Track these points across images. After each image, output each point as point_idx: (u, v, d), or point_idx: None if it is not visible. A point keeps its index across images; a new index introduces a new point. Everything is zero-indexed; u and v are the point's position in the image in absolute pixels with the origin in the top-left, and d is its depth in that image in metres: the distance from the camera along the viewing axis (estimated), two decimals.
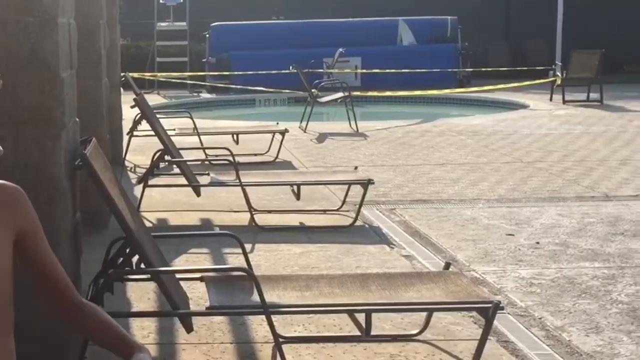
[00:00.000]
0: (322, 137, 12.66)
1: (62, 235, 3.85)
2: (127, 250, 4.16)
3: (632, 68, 23.54)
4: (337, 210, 7.70)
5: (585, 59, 17.06)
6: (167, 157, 7.79)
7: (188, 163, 7.78)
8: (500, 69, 20.65)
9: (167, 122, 10.48)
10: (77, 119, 4.36)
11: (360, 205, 7.30)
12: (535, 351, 4.54)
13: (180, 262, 6.00)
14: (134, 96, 8.45)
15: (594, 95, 16.63)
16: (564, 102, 16.67)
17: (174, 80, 19.29)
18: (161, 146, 7.75)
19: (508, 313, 5.08)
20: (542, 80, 18.30)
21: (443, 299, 4.13)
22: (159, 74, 19.62)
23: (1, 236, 1.99)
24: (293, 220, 7.40)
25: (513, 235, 6.91)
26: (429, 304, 4.19)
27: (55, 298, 2.15)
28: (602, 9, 23.68)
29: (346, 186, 7.75)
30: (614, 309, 5.15)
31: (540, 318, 5.02)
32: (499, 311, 3.96)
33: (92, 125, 7.14)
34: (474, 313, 4.69)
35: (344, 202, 7.75)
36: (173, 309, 4.09)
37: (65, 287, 2.15)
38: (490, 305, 3.92)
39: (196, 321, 4.62)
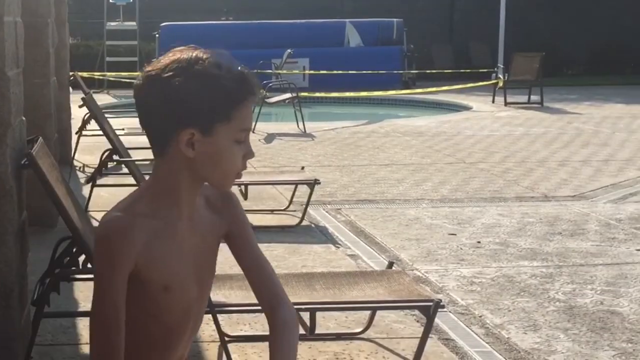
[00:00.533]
0: (270, 138, 12.66)
1: (8, 234, 3.80)
2: (74, 250, 4.13)
3: (572, 71, 23.88)
4: (284, 210, 7.70)
5: (526, 61, 17.26)
6: (115, 157, 7.73)
7: (137, 163, 7.73)
8: (445, 71, 20.82)
9: (116, 122, 10.39)
10: (24, 118, 4.31)
11: (307, 205, 7.32)
12: (475, 348, 4.59)
13: None
14: (83, 95, 8.38)
15: (534, 98, 16.84)
16: (506, 104, 16.85)
17: (123, 80, 19.13)
18: (110, 146, 7.69)
19: (449, 311, 5.12)
20: (484, 83, 18.50)
21: (386, 297, 4.16)
22: (108, 74, 19.46)
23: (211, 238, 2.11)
24: None
25: (455, 234, 6.97)
26: (372, 303, 4.21)
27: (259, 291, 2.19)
28: (543, 13, 23.97)
29: (293, 186, 7.77)
30: (551, 307, 5.22)
31: (480, 316, 5.08)
32: (440, 309, 4.00)
33: (39, 124, 7.06)
34: (416, 311, 4.73)
35: (290, 202, 7.76)
36: None
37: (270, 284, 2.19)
38: (431, 303, 3.96)
39: None
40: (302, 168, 8.21)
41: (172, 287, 2.00)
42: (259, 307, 4.25)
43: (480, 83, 18.41)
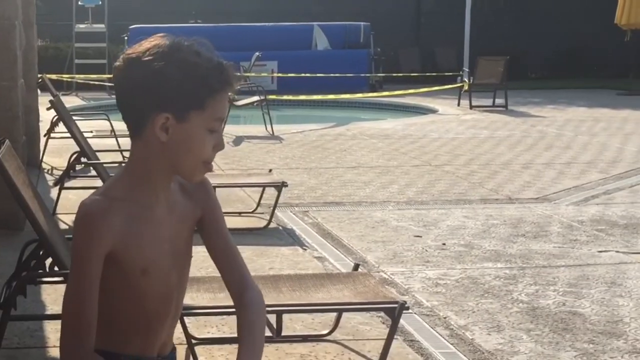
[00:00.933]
0: (238, 140, 12.63)
1: None
2: (41, 253, 4.09)
3: (535, 75, 24.05)
4: (252, 212, 7.69)
5: (491, 65, 17.35)
6: (83, 159, 7.68)
7: (105, 165, 7.68)
8: (411, 74, 20.90)
9: (85, 124, 10.33)
10: None
11: (274, 208, 7.31)
12: (440, 350, 4.60)
13: None
14: (51, 98, 8.31)
15: (499, 101, 16.94)
16: (471, 107, 16.94)
17: (92, 83, 19.02)
18: (78, 148, 7.64)
19: (414, 313, 5.14)
20: (450, 86, 18.58)
21: (352, 299, 4.16)
22: (77, 76, 19.33)
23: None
24: None
25: (421, 236, 7.00)
26: (338, 305, 4.21)
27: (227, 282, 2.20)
28: (508, 18, 24.13)
29: (261, 189, 7.76)
30: (514, 308, 5.25)
31: (445, 317, 5.10)
32: (405, 311, 4.01)
33: (7, 126, 7.01)
34: (382, 313, 4.74)
35: (258, 204, 7.75)
36: None
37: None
38: (396, 305, 3.96)
39: None
40: (270, 171, 8.20)
41: (150, 271, 2.03)
42: (226, 310, 4.28)
43: (446, 86, 18.49)
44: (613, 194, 8.80)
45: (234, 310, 4.42)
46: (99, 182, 7.40)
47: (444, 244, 6.77)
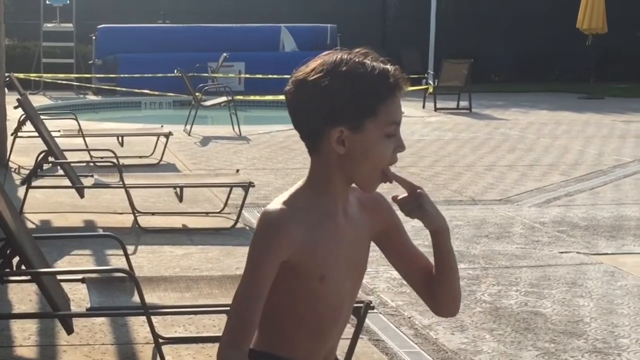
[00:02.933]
0: (205, 141, 12.59)
1: None
2: (8, 252, 4.06)
3: (499, 78, 24.20)
4: (219, 212, 7.67)
5: (455, 68, 17.44)
6: (51, 159, 7.62)
7: (72, 164, 7.63)
8: None
9: (52, 124, 10.25)
10: None
11: (242, 208, 7.29)
12: (404, 349, 4.62)
13: (63, 264, 5.88)
14: (19, 97, 8.23)
15: (463, 104, 17.03)
16: (436, 109, 17.01)
17: (60, 82, 18.87)
18: (45, 147, 7.58)
19: (379, 312, 5.15)
20: (415, 88, 18.64)
21: None
22: (44, 75, 19.17)
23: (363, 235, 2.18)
24: (176, 222, 7.34)
25: None
26: None
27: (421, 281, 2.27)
28: (472, 21, 24.25)
29: (228, 189, 7.74)
30: (477, 308, 5.28)
31: (409, 317, 5.12)
32: (370, 311, 4.02)
33: None
34: None
35: (225, 204, 7.73)
36: (54, 310, 4.01)
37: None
38: (361, 305, 3.97)
39: (77, 322, 4.54)
40: (237, 171, 8.18)
41: (328, 277, 2.07)
42: (193, 310, 4.26)
43: (411, 88, 18.53)
44: (574, 196, 8.88)
45: (201, 310, 4.42)
46: (66, 182, 7.36)
47: None
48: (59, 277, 4.42)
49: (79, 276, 4.47)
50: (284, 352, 2.09)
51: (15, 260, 4.05)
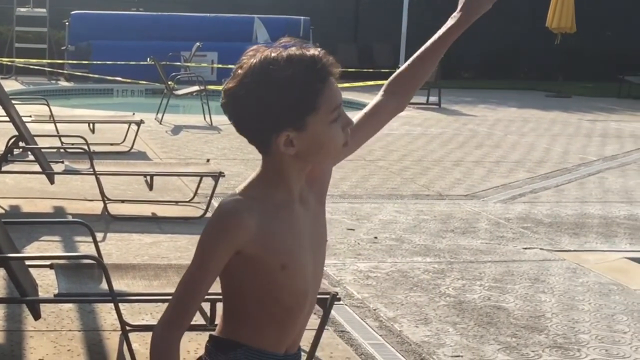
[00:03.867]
0: (177, 130, 12.55)
1: None
2: None
3: (468, 74, 24.30)
4: (189, 201, 7.65)
5: None
6: (21, 144, 7.56)
7: (43, 150, 7.58)
8: (349, 69, 20.97)
9: (23, 109, 10.16)
10: None
11: (211, 197, 7.29)
12: (369, 341, 4.65)
13: (31, 249, 5.85)
14: None
15: (433, 99, 17.09)
16: None
17: (32, 67, 18.70)
18: (16, 132, 7.52)
19: (345, 304, 5.18)
20: (386, 82, 18.67)
21: None
22: (17, 60, 18.99)
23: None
24: (145, 210, 7.32)
25: (354, 230, 7.04)
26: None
27: None
28: (444, 17, 24.22)
29: (198, 178, 7.73)
30: (442, 302, 5.32)
31: (374, 309, 5.15)
32: (336, 302, 4.04)
33: None
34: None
35: (195, 193, 7.72)
36: (21, 295, 4.00)
37: None
38: (327, 296, 3.99)
39: (45, 308, 4.53)
40: (208, 160, 8.17)
41: (289, 266, 2.04)
42: (161, 297, 4.26)
43: (382, 82, 18.59)
44: (539, 193, 8.96)
45: (168, 298, 4.42)
46: (36, 167, 7.32)
47: (375, 237, 6.82)
48: (28, 262, 4.40)
49: (48, 262, 4.46)
50: (250, 341, 2.10)
51: None
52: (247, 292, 2.06)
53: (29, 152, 7.81)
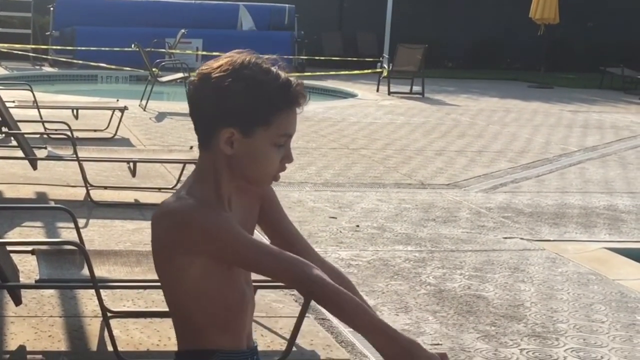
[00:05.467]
0: (161, 116, 12.50)
1: None
2: None
3: (452, 64, 24.32)
4: (172, 188, 7.62)
5: (409, 53, 17.48)
6: (4, 129, 7.51)
7: (26, 136, 7.53)
8: (333, 58, 20.94)
9: (6, 94, 10.10)
10: None
11: None
12: (349, 328, 4.64)
13: (13, 235, 5.82)
14: None
15: (416, 88, 17.09)
16: (389, 93, 17.06)
17: (16, 52, 18.58)
18: None
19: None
20: (370, 71, 18.68)
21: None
22: (0, 45, 18.85)
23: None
24: (128, 197, 7.29)
25: (336, 218, 7.04)
26: (253, 282, 4.21)
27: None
28: (428, 7, 24.32)
29: (181, 165, 7.70)
30: (422, 290, 5.33)
31: None
32: None
33: None
34: (295, 291, 4.76)
35: (178, 180, 7.68)
36: (2, 281, 3.97)
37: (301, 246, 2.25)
38: None
39: (26, 294, 4.51)
40: (191, 147, 8.14)
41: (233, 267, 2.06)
42: (142, 284, 4.25)
43: (366, 71, 18.59)
44: (520, 183, 8.98)
45: (150, 284, 4.41)
46: (19, 153, 7.27)
47: (357, 226, 6.82)
48: (9, 248, 4.38)
49: (29, 248, 4.43)
50: (218, 344, 2.09)
51: None
52: (202, 295, 2.04)
53: (12, 138, 7.77)
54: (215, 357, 2.08)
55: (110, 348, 4.05)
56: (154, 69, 13.57)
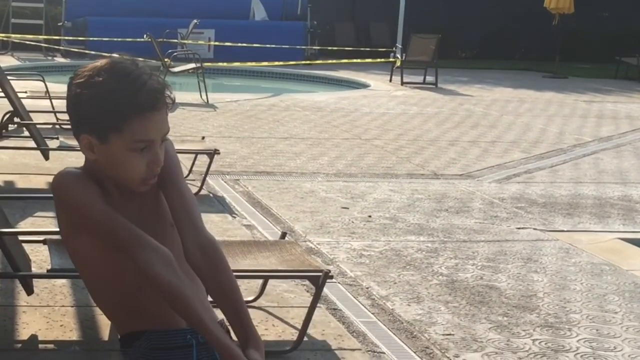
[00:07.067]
0: (172, 107, 12.48)
1: None
2: None
3: (465, 54, 24.25)
4: (184, 178, 7.63)
5: (423, 43, 17.44)
6: (16, 119, 7.54)
7: (38, 126, 7.55)
8: (346, 48, 20.91)
9: (19, 85, 10.15)
10: None
11: (206, 175, 7.28)
12: (361, 319, 4.65)
13: (25, 225, 5.84)
14: None
15: (429, 78, 17.06)
16: (402, 83, 17.03)
17: (28, 43, 18.64)
18: (11, 108, 7.50)
19: (338, 282, 5.18)
20: (382, 60, 18.65)
21: (278, 267, 4.18)
22: (13, 36, 18.92)
23: None
24: None
25: (348, 208, 7.04)
26: (264, 272, 4.23)
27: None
28: None
29: (193, 155, 7.71)
30: (434, 281, 5.33)
31: (367, 287, 5.15)
32: (329, 280, 4.05)
33: None
34: (307, 281, 4.76)
35: (190, 171, 7.71)
36: (14, 270, 3.99)
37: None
38: (320, 274, 4.00)
39: (37, 283, 4.53)
40: (203, 138, 8.16)
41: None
42: None
43: (378, 60, 18.55)
44: (534, 173, 8.96)
45: None
46: (31, 143, 7.30)
47: (369, 216, 6.82)
48: (21, 237, 4.40)
49: (41, 237, 4.45)
50: (139, 326, 2.10)
51: None
52: (101, 280, 2.10)
53: (24, 128, 7.80)
54: (145, 337, 2.08)
55: None
56: (166, 60, 13.59)
